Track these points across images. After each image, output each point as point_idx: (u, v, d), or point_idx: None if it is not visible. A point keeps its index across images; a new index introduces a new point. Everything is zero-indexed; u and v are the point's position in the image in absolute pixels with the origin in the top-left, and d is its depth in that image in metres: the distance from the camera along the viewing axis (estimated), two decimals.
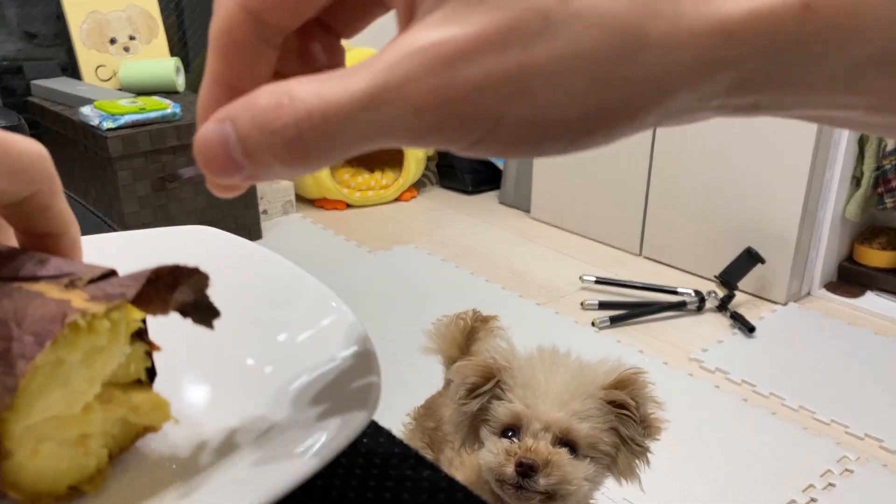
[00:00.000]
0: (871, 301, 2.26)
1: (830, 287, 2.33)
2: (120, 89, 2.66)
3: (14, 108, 2.29)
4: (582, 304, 2.21)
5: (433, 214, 3.00)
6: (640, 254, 2.60)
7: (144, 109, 2.28)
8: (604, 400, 0.84)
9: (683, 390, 1.82)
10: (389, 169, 3.11)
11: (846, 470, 1.56)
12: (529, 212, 2.94)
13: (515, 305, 2.24)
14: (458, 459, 0.98)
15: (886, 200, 2.19)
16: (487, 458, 0.84)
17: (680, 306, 2.20)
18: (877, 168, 2.19)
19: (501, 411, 0.85)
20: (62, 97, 2.50)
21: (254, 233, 2.63)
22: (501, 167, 3.09)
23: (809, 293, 2.32)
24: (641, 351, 1.99)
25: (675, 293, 2.24)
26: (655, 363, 1.93)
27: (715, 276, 2.27)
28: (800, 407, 1.76)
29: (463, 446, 0.91)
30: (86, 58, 2.69)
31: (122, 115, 2.25)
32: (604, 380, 0.85)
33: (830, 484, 1.52)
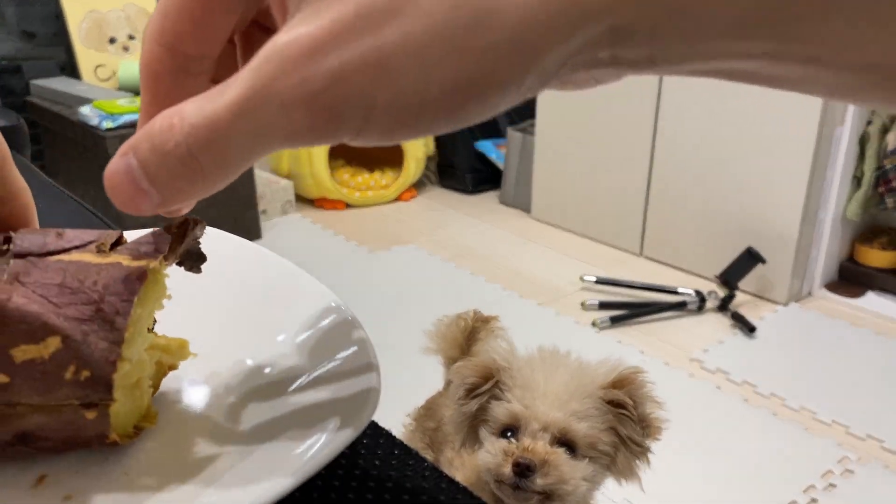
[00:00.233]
0: (872, 301, 2.26)
1: (831, 287, 2.33)
2: (119, 89, 2.66)
3: (13, 108, 2.28)
4: (582, 305, 2.21)
5: (433, 214, 3.00)
6: (641, 254, 2.60)
7: None
8: (603, 399, 0.84)
9: (684, 391, 1.82)
10: (389, 169, 3.11)
11: (847, 470, 1.56)
12: (529, 212, 2.94)
13: (515, 305, 2.24)
14: (459, 460, 0.98)
15: (887, 200, 2.19)
16: (485, 459, 0.84)
17: (680, 306, 2.20)
18: (878, 168, 2.19)
19: (500, 412, 0.85)
20: (61, 97, 2.50)
21: (253, 233, 2.63)
22: (502, 167, 3.09)
23: (810, 293, 2.32)
24: (642, 351, 1.99)
25: (676, 293, 2.24)
26: (656, 363, 1.93)
27: (715, 276, 2.27)
28: (801, 407, 1.76)
29: (463, 447, 0.91)
30: (85, 57, 2.69)
31: (122, 115, 2.25)
32: (603, 380, 0.85)
33: (831, 484, 1.52)
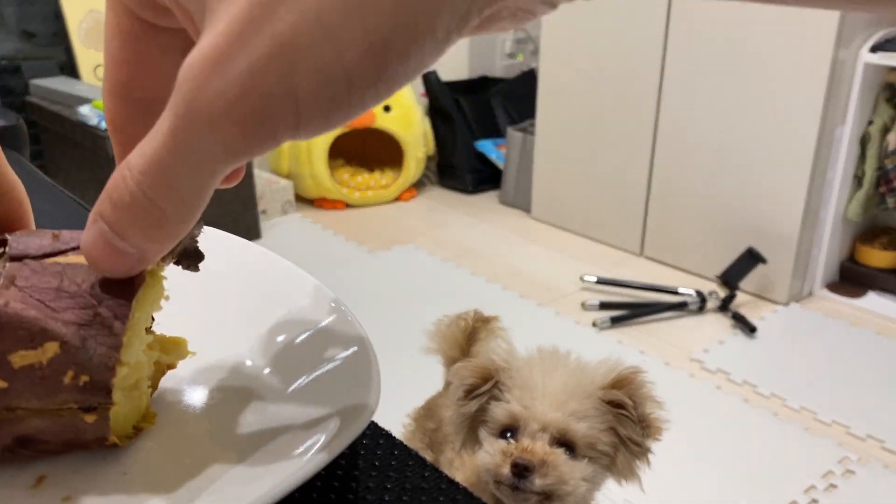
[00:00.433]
0: (873, 301, 2.25)
1: (832, 287, 2.33)
2: None
3: (12, 108, 2.29)
4: (583, 305, 2.21)
5: (433, 214, 3.00)
6: (641, 254, 2.60)
7: None
8: (602, 400, 0.83)
9: (684, 391, 1.82)
10: (389, 169, 3.10)
11: (847, 470, 1.56)
12: (530, 212, 2.94)
13: (516, 306, 2.24)
14: (459, 460, 0.98)
15: (888, 200, 2.19)
16: (484, 459, 0.84)
17: (681, 307, 2.19)
18: (878, 168, 2.19)
19: (499, 412, 0.84)
20: (61, 97, 2.50)
21: (253, 232, 2.63)
22: (502, 167, 3.08)
23: (811, 293, 2.32)
24: (642, 351, 1.99)
25: (677, 293, 2.24)
26: (656, 364, 1.93)
27: (716, 277, 2.26)
28: (801, 407, 1.76)
29: (463, 448, 0.90)
30: (84, 57, 2.69)
31: None
32: (602, 380, 0.85)
33: (832, 485, 1.52)
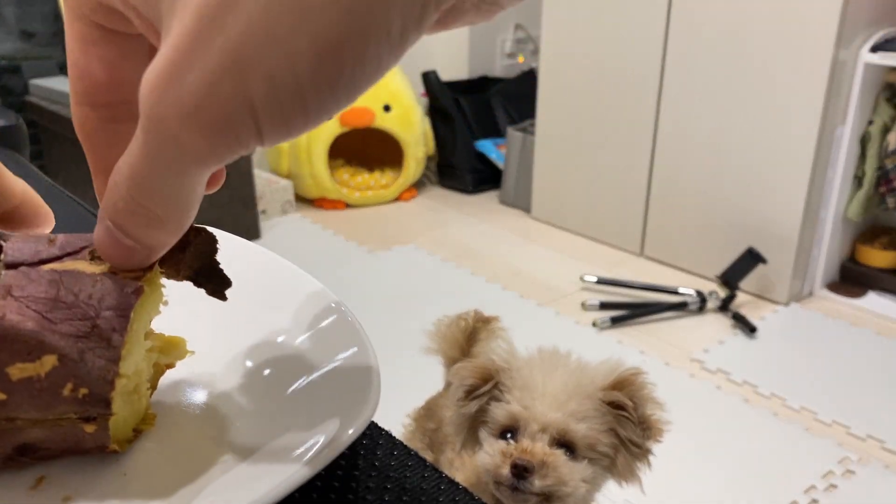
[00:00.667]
0: (873, 301, 2.25)
1: (832, 287, 2.33)
2: None
3: (12, 108, 2.29)
4: (583, 305, 2.21)
5: (433, 214, 3.00)
6: (642, 254, 2.59)
7: None
8: (602, 401, 0.83)
9: (685, 391, 1.82)
10: (389, 168, 3.10)
11: (848, 471, 1.56)
12: (530, 212, 2.94)
13: (516, 306, 2.24)
14: (459, 461, 0.98)
15: (888, 200, 2.19)
16: (484, 460, 0.83)
17: (681, 307, 2.19)
18: (879, 168, 2.18)
19: (499, 413, 0.84)
20: (60, 96, 2.50)
21: (252, 233, 2.63)
22: (502, 167, 3.08)
23: (811, 293, 2.32)
24: (642, 351, 1.99)
25: (677, 293, 2.24)
26: (656, 364, 1.93)
27: (716, 277, 2.26)
28: (801, 408, 1.76)
29: (464, 448, 0.90)
30: None
31: None
32: (603, 380, 0.85)
33: (832, 485, 1.52)
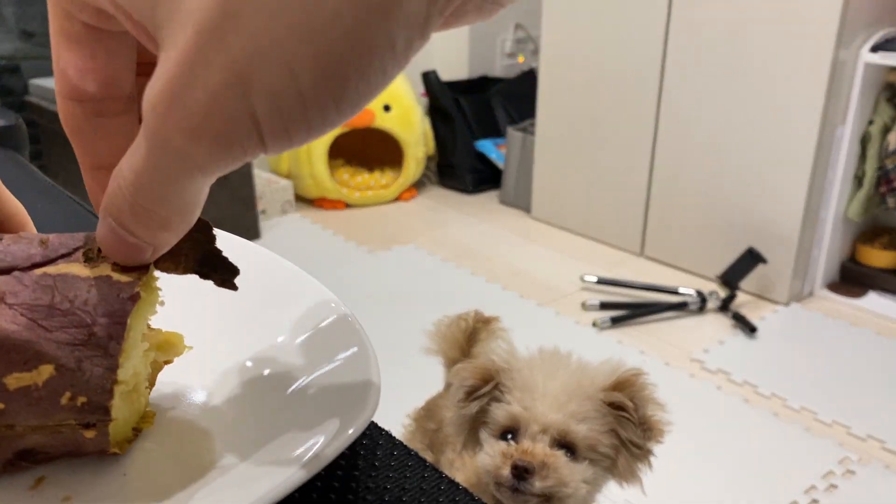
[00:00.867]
0: (874, 301, 2.25)
1: (832, 287, 2.33)
2: None
3: (12, 108, 2.28)
4: (583, 305, 2.21)
5: (433, 214, 3.00)
6: (642, 254, 2.59)
7: None
8: (603, 401, 0.83)
9: (685, 391, 1.82)
10: (389, 168, 3.10)
11: (848, 471, 1.55)
12: (530, 212, 2.94)
13: (516, 306, 2.23)
14: (459, 461, 0.98)
15: (888, 200, 2.19)
16: (484, 461, 0.83)
17: (681, 307, 2.19)
18: (879, 168, 2.18)
19: (500, 413, 0.84)
20: None
21: (252, 232, 2.63)
22: (502, 167, 3.08)
23: (811, 293, 2.32)
24: (643, 352, 1.99)
25: (677, 293, 2.24)
26: (657, 364, 1.93)
27: (716, 277, 2.26)
28: (802, 408, 1.76)
29: (464, 449, 0.90)
30: None
31: None
32: (603, 381, 0.85)
33: (832, 485, 1.51)
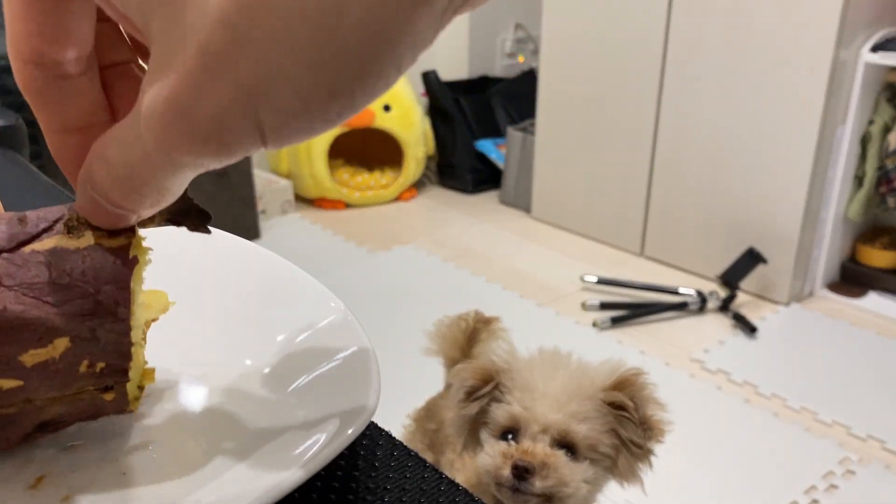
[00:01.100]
0: (874, 301, 2.25)
1: (833, 287, 2.32)
2: None
3: (11, 108, 2.28)
4: (583, 305, 2.21)
5: (433, 214, 3.00)
6: (642, 254, 2.59)
7: None
8: (603, 401, 0.83)
9: (685, 391, 1.82)
10: (389, 168, 3.10)
11: (848, 471, 1.55)
12: (530, 212, 2.94)
13: (516, 306, 2.23)
14: (460, 461, 0.98)
15: (889, 200, 2.19)
16: (485, 461, 0.83)
17: (681, 307, 2.19)
18: (879, 168, 2.18)
19: (500, 414, 0.84)
20: None
21: (252, 232, 2.63)
22: (502, 167, 3.08)
23: (812, 293, 2.32)
24: (643, 352, 1.99)
25: (677, 293, 2.24)
26: (657, 364, 1.93)
27: (717, 277, 2.26)
28: (802, 408, 1.76)
29: (465, 449, 0.90)
30: None
31: None
32: (603, 381, 0.85)
33: (833, 485, 1.51)
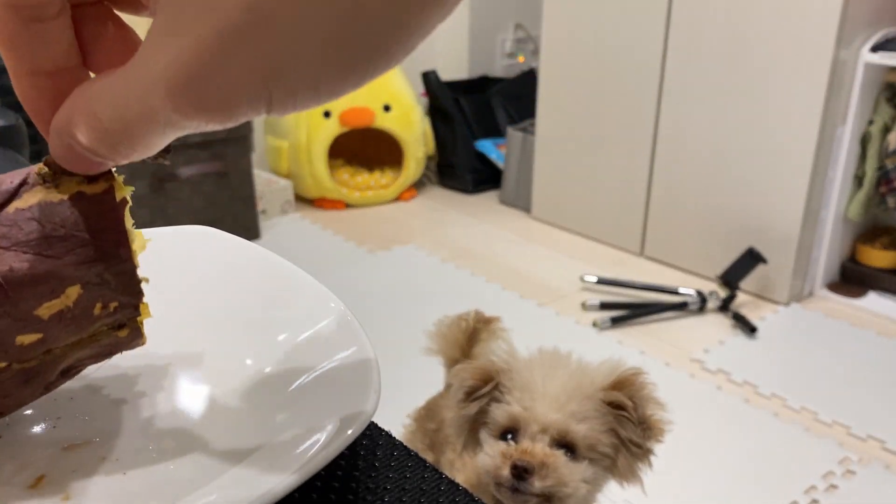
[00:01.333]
0: (874, 301, 2.25)
1: (833, 287, 2.32)
2: None
3: (11, 108, 2.28)
4: (583, 305, 2.21)
5: (433, 214, 3.00)
6: (642, 254, 2.59)
7: None
8: (603, 401, 0.83)
9: (685, 391, 1.82)
10: (389, 168, 3.10)
11: (848, 471, 1.55)
12: (529, 212, 2.94)
13: (516, 306, 2.23)
14: (460, 461, 0.98)
15: (889, 200, 2.19)
16: (484, 461, 0.83)
17: (681, 307, 2.19)
18: (879, 168, 2.18)
19: (500, 414, 0.84)
20: None
21: (252, 232, 2.63)
22: (502, 167, 3.08)
23: (811, 293, 2.32)
24: (643, 352, 1.99)
25: (677, 293, 2.24)
26: (657, 364, 1.93)
27: (716, 277, 2.26)
28: (802, 408, 1.76)
29: (465, 449, 0.90)
30: None
31: None
32: (603, 381, 0.85)
33: (832, 485, 1.51)
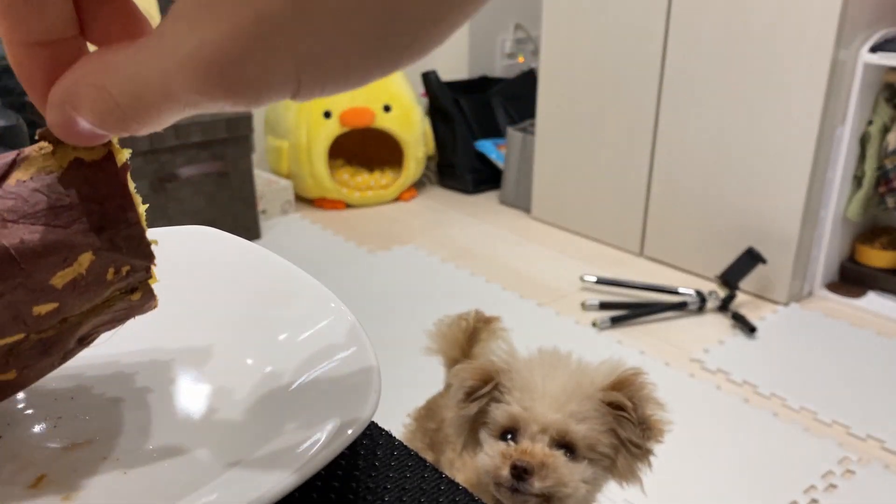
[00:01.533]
0: (873, 301, 2.25)
1: (832, 287, 2.33)
2: None
3: (12, 108, 2.28)
4: (582, 305, 2.21)
5: (433, 214, 3.00)
6: (641, 254, 2.59)
7: None
8: (602, 401, 0.83)
9: (685, 391, 1.82)
10: (389, 169, 3.10)
11: (848, 471, 1.56)
12: (529, 212, 2.94)
13: (515, 306, 2.24)
14: (460, 461, 0.98)
15: (888, 200, 2.19)
16: (484, 461, 0.83)
17: (681, 307, 2.19)
18: (878, 168, 2.18)
19: (499, 414, 0.84)
20: None
21: (252, 233, 2.63)
22: (502, 167, 3.08)
23: (811, 293, 2.32)
24: (642, 352, 1.99)
25: (677, 293, 2.24)
26: (656, 364, 1.93)
27: (716, 277, 2.26)
28: (801, 408, 1.76)
29: (464, 449, 0.90)
30: None
31: None
32: (603, 381, 0.85)
33: (832, 485, 1.52)
